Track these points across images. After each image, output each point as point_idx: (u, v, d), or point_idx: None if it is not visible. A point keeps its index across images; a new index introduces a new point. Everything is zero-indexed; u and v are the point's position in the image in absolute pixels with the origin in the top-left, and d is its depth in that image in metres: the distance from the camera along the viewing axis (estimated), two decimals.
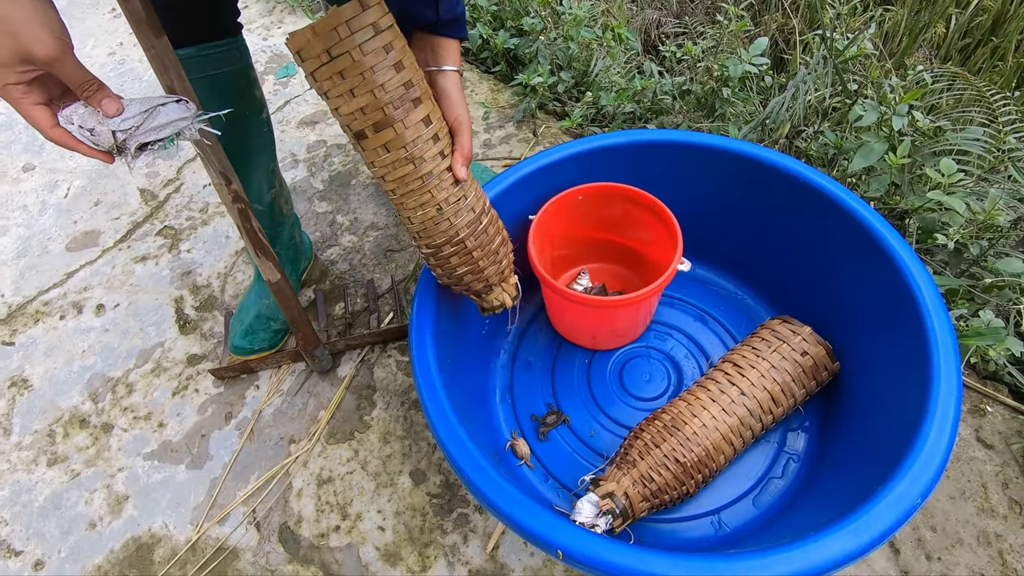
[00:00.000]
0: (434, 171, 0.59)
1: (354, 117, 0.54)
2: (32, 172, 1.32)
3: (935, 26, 1.38)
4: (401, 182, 0.59)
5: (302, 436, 0.90)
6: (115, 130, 0.51)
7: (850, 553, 0.50)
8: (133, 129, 0.52)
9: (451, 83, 0.62)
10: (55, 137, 0.52)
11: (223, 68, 0.75)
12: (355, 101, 0.53)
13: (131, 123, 0.52)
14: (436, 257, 0.65)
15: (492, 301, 0.70)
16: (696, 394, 0.74)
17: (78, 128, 0.51)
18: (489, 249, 0.66)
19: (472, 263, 0.66)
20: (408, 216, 0.62)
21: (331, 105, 0.55)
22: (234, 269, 1.11)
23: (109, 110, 0.51)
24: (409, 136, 0.56)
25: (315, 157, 1.29)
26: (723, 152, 0.83)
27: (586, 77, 1.32)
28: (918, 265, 0.68)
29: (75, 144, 0.52)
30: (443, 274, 0.68)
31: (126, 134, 0.52)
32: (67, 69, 0.48)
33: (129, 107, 0.52)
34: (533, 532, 0.54)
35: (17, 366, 1.01)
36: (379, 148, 0.56)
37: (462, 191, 0.62)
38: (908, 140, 0.98)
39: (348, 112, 0.54)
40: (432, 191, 0.60)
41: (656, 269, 0.85)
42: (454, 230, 0.63)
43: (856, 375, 0.75)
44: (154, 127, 0.53)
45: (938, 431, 0.56)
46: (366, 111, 0.54)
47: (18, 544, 0.83)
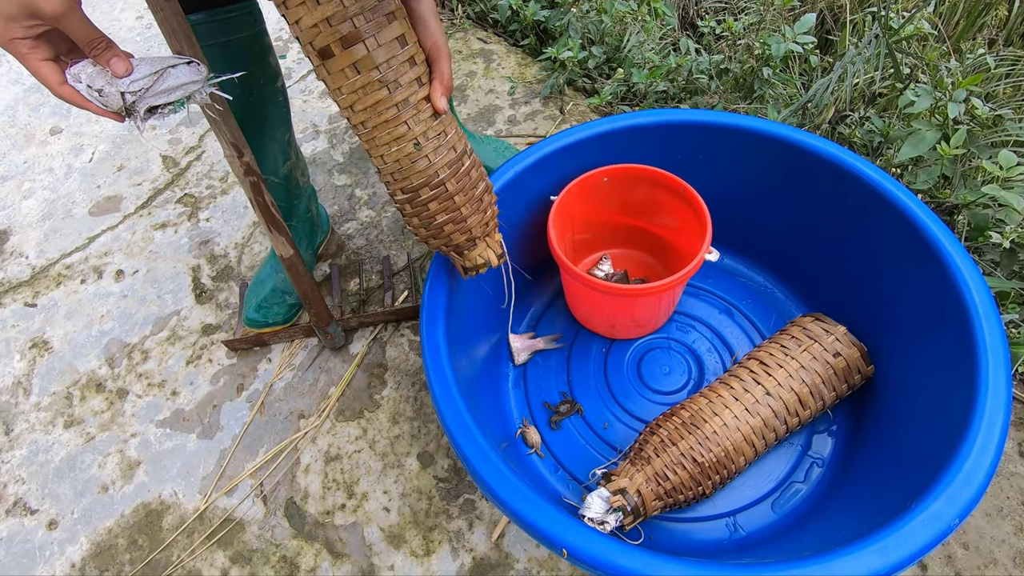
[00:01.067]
0: (410, 99, 0.53)
1: (318, 30, 0.48)
2: (59, 135, 1.33)
3: (997, 7, 1.27)
4: (373, 111, 0.52)
5: (312, 412, 0.89)
6: (124, 91, 0.50)
7: (876, 572, 0.47)
8: (142, 91, 0.50)
9: (426, 8, 0.55)
10: (64, 95, 0.50)
11: (236, 34, 0.72)
12: (319, 9, 0.47)
13: (140, 84, 0.50)
14: (413, 204, 0.59)
15: (475, 259, 0.63)
16: (718, 391, 0.70)
17: (86, 87, 0.50)
18: (472, 195, 0.60)
19: (454, 210, 0.59)
20: (381, 155, 0.56)
21: (290, 17, 0.48)
22: (251, 240, 1.10)
23: (118, 70, 0.49)
24: (382, 55, 0.50)
25: (336, 129, 1.27)
26: (761, 136, 0.78)
27: (618, 53, 1.27)
28: (969, 264, 0.63)
29: (83, 102, 0.51)
30: (420, 224, 0.61)
31: (135, 96, 0.50)
32: (74, 25, 0.46)
33: (139, 67, 0.50)
34: (538, 528, 0.52)
35: (39, 328, 1.02)
36: (347, 69, 0.50)
37: (441, 125, 0.56)
38: (963, 129, 0.91)
39: (311, 24, 0.48)
40: (408, 122, 0.53)
41: (682, 258, 0.81)
42: (433, 169, 0.56)
43: (892, 380, 0.71)
44: (164, 89, 0.51)
45: (982, 446, 0.52)
46: (332, 21, 0.47)
47: (34, 503, 0.85)
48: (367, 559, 0.76)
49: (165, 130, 1.31)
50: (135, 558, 0.79)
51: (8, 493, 0.86)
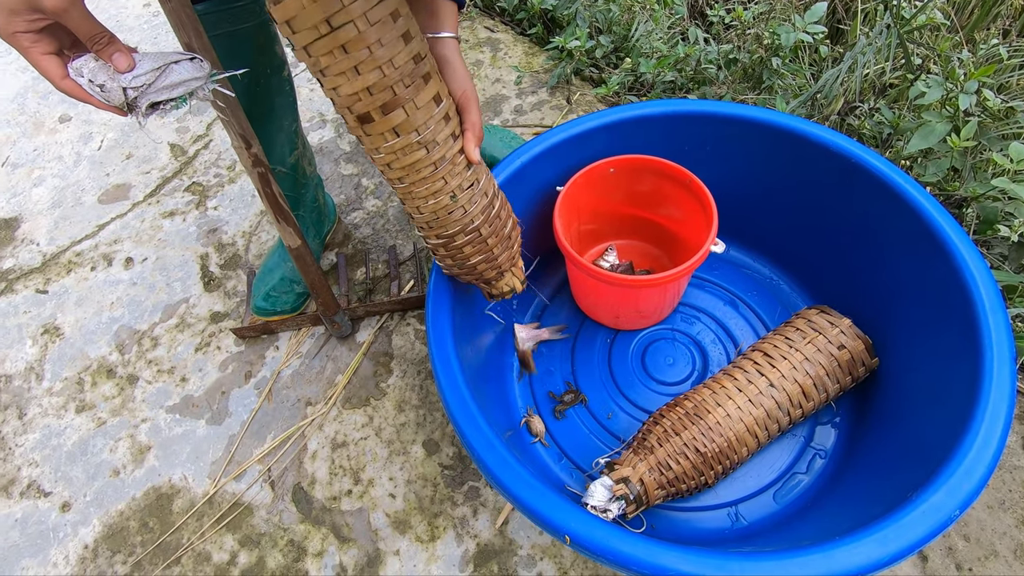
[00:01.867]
0: (447, 155, 0.53)
1: (358, 98, 0.48)
2: (68, 123, 1.34)
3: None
4: (411, 169, 0.53)
5: (319, 399, 0.90)
6: (126, 87, 0.49)
7: (875, 562, 0.48)
8: (144, 87, 0.50)
9: (451, 51, 0.56)
10: (65, 89, 0.50)
11: (242, 24, 0.72)
12: (360, 80, 0.46)
13: (142, 80, 0.50)
14: (447, 248, 0.60)
15: (502, 287, 0.66)
16: (722, 382, 0.71)
17: (88, 82, 0.49)
18: (502, 235, 0.62)
19: (486, 251, 0.61)
20: (416, 206, 0.57)
21: (328, 85, 0.48)
22: (258, 228, 1.11)
23: (120, 65, 0.49)
24: (420, 118, 0.50)
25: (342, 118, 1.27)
26: (768, 127, 0.78)
27: (626, 42, 1.26)
28: (976, 258, 0.62)
29: (86, 97, 0.51)
30: (454, 264, 0.63)
31: (137, 91, 0.50)
32: (76, 20, 0.46)
33: (141, 63, 0.50)
34: (541, 515, 0.53)
35: (50, 314, 1.04)
36: (387, 133, 0.50)
37: (475, 175, 0.57)
38: (974, 121, 0.90)
39: (351, 92, 0.47)
40: (445, 177, 0.54)
41: (687, 249, 0.81)
42: (468, 218, 0.58)
43: (896, 373, 0.71)
44: (166, 86, 0.51)
45: (984, 438, 0.52)
46: (373, 91, 0.47)
47: (47, 485, 0.86)
48: (373, 544, 0.77)
49: (173, 119, 1.32)
50: (146, 540, 0.80)
51: (22, 476, 0.87)
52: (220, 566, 0.77)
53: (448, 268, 0.64)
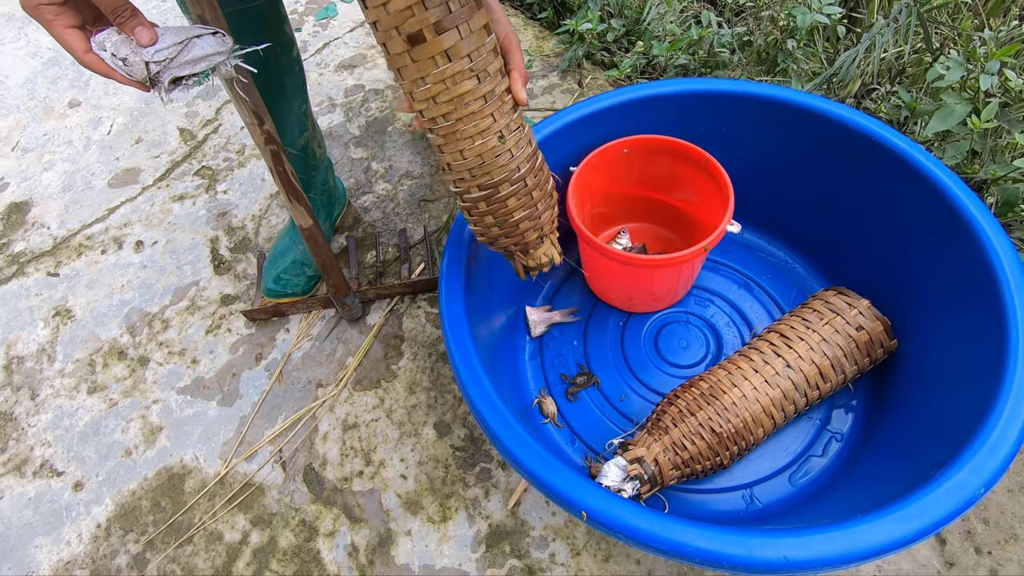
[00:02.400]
0: (496, 90, 0.51)
1: (411, 13, 0.45)
2: (78, 108, 1.33)
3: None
4: (460, 102, 0.49)
5: (329, 381, 0.90)
6: (148, 61, 0.49)
7: (898, 540, 0.47)
8: (167, 61, 0.50)
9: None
10: (88, 63, 0.49)
11: (253, 1, 0.71)
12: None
13: (165, 55, 0.49)
14: (489, 201, 0.56)
15: (540, 257, 0.61)
16: (738, 363, 0.70)
17: (111, 56, 0.49)
18: (546, 190, 0.58)
19: (531, 205, 0.57)
20: (460, 149, 0.53)
21: (375, 1, 0.45)
22: (268, 212, 1.10)
23: (143, 39, 0.48)
24: (474, 43, 0.47)
25: (352, 102, 1.26)
26: (786, 105, 0.76)
27: (638, 25, 1.24)
28: (1001, 236, 0.61)
29: (108, 71, 0.50)
30: (495, 223, 0.58)
31: (159, 66, 0.49)
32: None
33: (163, 37, 0.49)
34: (558, 491, 0.52)
35: (61, 296, 1.04)
36: (438, 56, 0.47)
37: (520, 118, 0.54)
38: (995, 102, 0.89)
39: (403, 7, 0.44)
40: (494, 114, 0.51)
41: (702, 232, 0.79)
42: (515, 163, 0.54)
43: (915, 354, 0.70)
44: (188, 60, 0.50)
45: (1010, 416, 0.51)
46: (428, 4, 0.45)
47: (60, 465, 0.87)
48: (385, 524, 0.77)
49: (182, 103, 1.31)
50: (158, 519, 0.80)
51: (35, 456, 0.88)
52: (232, 545, 0.78)
53: (487, 230, 0.59)
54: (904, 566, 0.68)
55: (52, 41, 1.48)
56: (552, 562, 0.72)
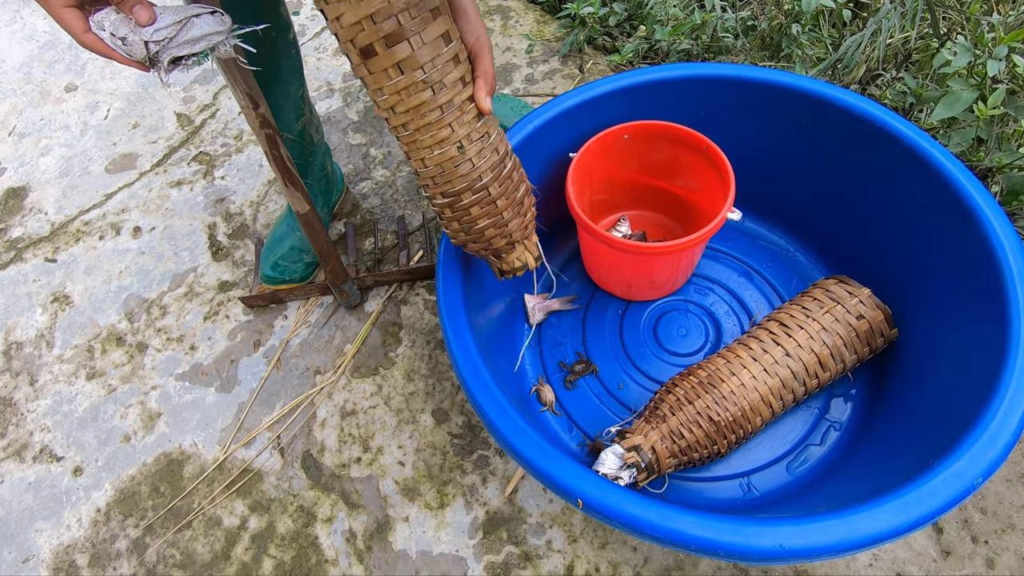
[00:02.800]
0: (455, 100, 0.51)
1: (360, 28, 0.46)
2: (74, 92, 1.32)
3: None
4: (416, 113, 0.50)
5: (327, 368, 0.90)
6: (147, 40, 0.49)
7: (896, 528, 0.47)
8: (166, 41, 0.49)
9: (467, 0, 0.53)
10: (87, 43, 0.49)
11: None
12: (363, 6, 0.44)
13: (164, 34, 0.49)
14: (453, 208, 0.57)
15: (513, 262, 0.62)
16: (737, 351, 0.69)
17: (110, 36, 0.49)
18: (514, 198, 0.58)
19: (496, 214, 0.57)
20: (422, 158, 0.54)
21: (330, 13, 0.46)
22: (266, 198, 1.10)
23: (141, 18, 0.48)
24: (427, 54, 0.47)
25: (351, 87, 1.25)
26: (788, 90, 0.75)
27: (640, 9, 1.22)
28: (1006, 225, 0.60)
29: (108, 51, 0.50)
30: (460, 229, 0.59)
31: (159, 45, 0.49)
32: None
33: (162, 16, 0.49)
34: (554, 479, 0.52)
35: (59, 282, 1.04)
36: (391, 69, 0.48)
37: (485, 127, 0.54)
38: (1002, 88, 0.87)
39: (353, 21, 0.45)
40: (452, 125, 0.51)
41: (702, 219, 0.79)
42: (476, 173, 0.54)
43: (916, 344, 0.69)
44: (187, 40, 0.50)
45: (1010, 406, 0.51)
46: (376, 19, 0.45)
47: (59, 450, 0.87)
48: (382, 510, 0.77)
49: (179, 88, 1.30)
50: (157, 504, 0.81)
51: (34, 441, 0.88)
52: (231, 530, 0.78)
53: (455, 235, 0.61)
54: (900, 554, 0.68)
55: (48, 24, 1.47)
56: (549, 549, 0.73)
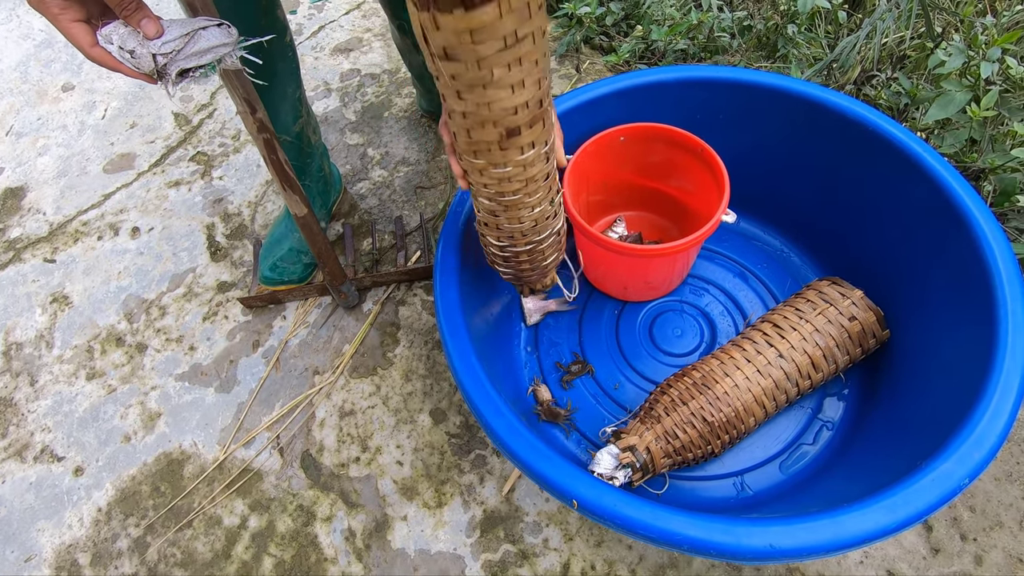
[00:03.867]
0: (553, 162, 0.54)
1: (513, 111, 0.44)
2: (71, 92, 1.32)
3: None
4: (532, 180, 0.51)
5: (326, 368, 0.90)
6: (155, 53, 0.50)
7: (884, 528, 0.48)
8: (174, 53, 0.50)
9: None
10: (95, 57, 0.50)
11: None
12: (523, 93, 0.43)
13: (172, 46, 0.50)
14: (531, 252, 0.60)
15: (547, 283, 0.67)
16: (730, 353, 0.70)
17: (118, 49, 0.49)
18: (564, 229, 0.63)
19: (560, 246, 0.63)
20: (519, 216, 0.54)
21: (482, 99, 0.42)
22: (264, 199, 1.10)
23: (148, 31, 0.49)
24: (550, 127, 0.49)
25: (348, 87, 1.25)
26: (783, 94, 0.76)
27: (637, 9, 1.22)
28: (995, 228, 0.61)
29: (116, 64, 0.50)
30: (531, 268, 0.62)
31: (167, 58, 0.50)
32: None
33: (169, 29, 0.50)
34: (549, 480, 0.53)
35: (58, 283, 1.04)
36: (526, 146, 0.47)
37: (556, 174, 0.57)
38: (995, 90, 0.88)
39: (509, 106, 0.43)
40: (551, 182, 0.54)
41: (698, 220, 0.79)
42: (560, 220, 0.58)
43: (907, 345, 0.70)
44: (195, 52, 0.51)
45: (997, 408, 0.52)
46: (530, 104, 0.44)
47: (60, 451, 0.88)
48: (381, 509, 0.78)
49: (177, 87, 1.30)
50: (158, 504, 0.82)
51: (35, 441, 0.89)
52: (231, 529, 0.79)
53: (517, 274, 0.64)
54: (891, 552, 0.69)
55: (45, 23, 1.46)
56: (545, 547, 0.74)
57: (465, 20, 0.37)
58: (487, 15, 0.37)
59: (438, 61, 0.41)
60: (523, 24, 0.39)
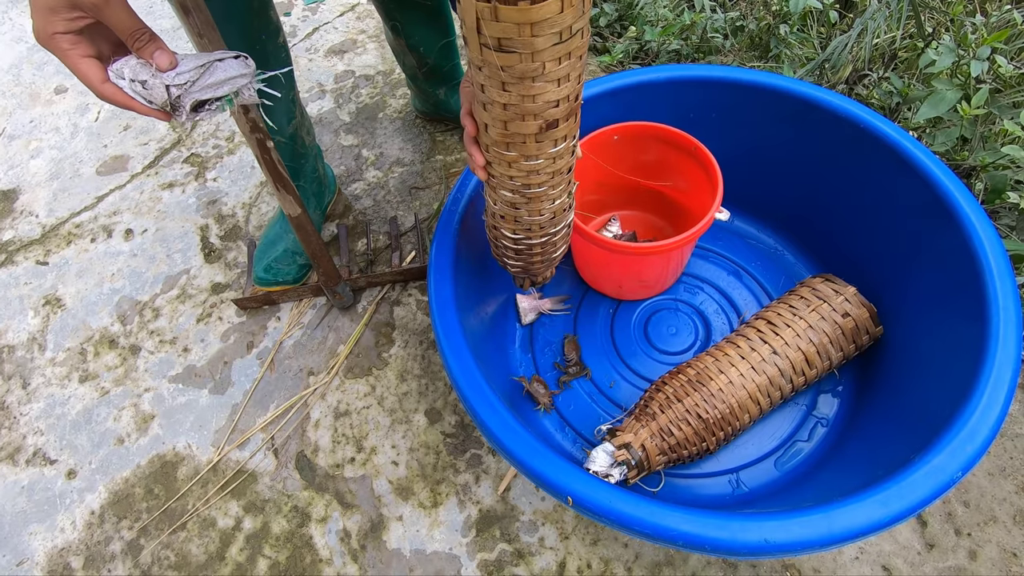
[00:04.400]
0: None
1: (555, 104, 0.44)
2: (64, 95, 1.32)
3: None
4: (559, 172, 0.51)
5: (321, 369, 0.90)
6: (169, 84, 0.48)
7: (876, 523, 0.48)
8: (188, 84, 0.48)
9: None
10: (106, 93, 0.48)
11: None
12: (566, 87, 0.43)
13: (186, 78, 0.48)
14: (545, 245, 0.60)
15: (549, 276, 0.67)
16: (725, 350, 0.71)
17: (129, 82, 0.48)
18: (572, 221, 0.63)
19: (568, 238, 0.62)
20: (540, 208, 0.54)
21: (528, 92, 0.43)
22: (258, 200, 1.10)
23: (162, 63, 0.47)
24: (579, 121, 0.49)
25: (342, 88, 1.25)
26: (775, 92, 0.76)
27: (630, 10, 1.23)
28: (986, 225, 0.62)
29: (128, 101, 0.49)
30: (542, 260, 0.62)
31: (180, 89, 0.48)
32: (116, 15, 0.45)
33: (184, 61, 0.48)
34: (544, 477, 0.53)
35: (51, 285, 1.04)
36: (560, 139, 0.47)
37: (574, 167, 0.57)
38: (985, 88, 0.89)
39: (552, 99, 0.44)
40: (572, 174, 0.54)
41: (692, 219, 0.80)
42: (572, 211, 0.58)
43: (900, 341, 0.70)
44: (210, 84, 0.49)
45: (988, 402, 0.52)
46: (570, 98, 0.45)
47: (53, 453, 0.87)
48: (376, 510, 0.78)
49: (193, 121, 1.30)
50: (152, 506, 0.81)
51: (28, 444, 0.88)
52: (225, 531, 0.78)
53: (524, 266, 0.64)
54: (886, 547, 0.70)
55: None
56: (541, 546, 0.73)
57: (527, 13, 0.37)
58: (549, 8, 0.37)
59: (489, 52, 0.40)
60: (578, 19, 0.39)
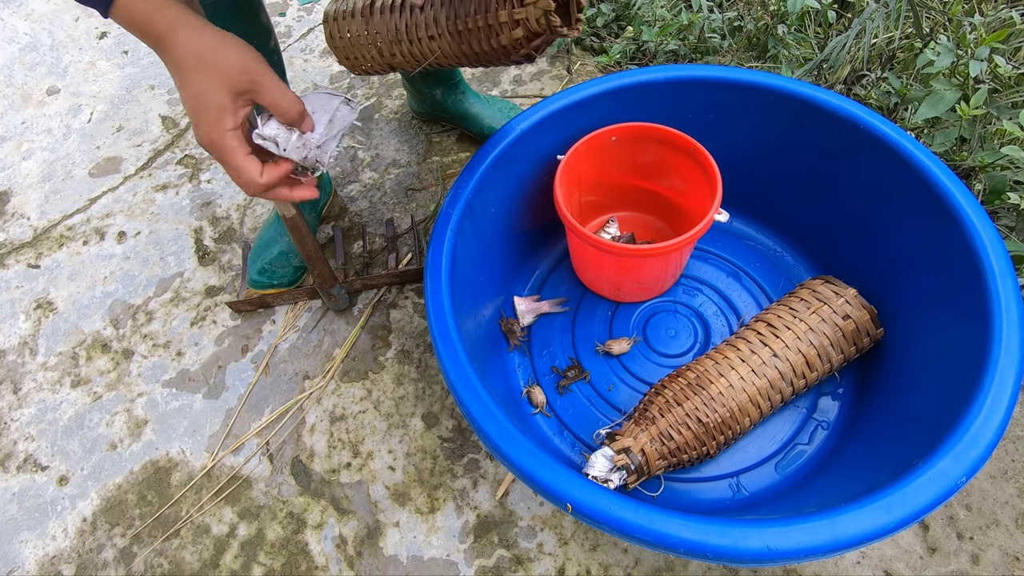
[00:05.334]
0: None
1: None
2: (56, 95, 1.30)
3: None
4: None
5: (316, 373, 0.89)
6: (317, 145, 0.52)
7: (881, 528, 0.47)
8: (325, 141, 0.53)
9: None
10: (264, 187, 0.50)
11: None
12: None
13: (323, 135, 0.52)
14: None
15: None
16: (725, 353, 0.70)
17: (273, 144, 0.51)
18: None
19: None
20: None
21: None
22: (253, 202, 1.09)
23: (308, 128, 0.51)
24: None
25: (338, 89, 1.24)
26: (774, 92, 0.76)
27: (628, 10, 1.22)
28: (987, 225, 0.61)
29: (286, 193, 0.53)
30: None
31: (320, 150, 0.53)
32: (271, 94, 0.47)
33: (315, 116, 0.52)
34: (543, 483, 0.52)
35: (42, 288, 1.02)
36: None
37: None
38: (984, 88, 0.88)
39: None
40: None
41: (690, 220, 0.79)
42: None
43: (902, 343, 0.70)
44: (335, 135, 0.54)
45: (992, 405, 0.51)
46: None
47: (44, 459, 0.86)
48: (373, 516, 0.77)
49: (164, 90, 1.29)
50: (145, 513, 0.80)
51: (18, 450, 0.87)
52: (219, 538, 0.77)
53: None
54: (888, 552, 0.69)
55: (29, 26, 1.45)
56: (540, 552, 0.73)
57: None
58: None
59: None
60: None
